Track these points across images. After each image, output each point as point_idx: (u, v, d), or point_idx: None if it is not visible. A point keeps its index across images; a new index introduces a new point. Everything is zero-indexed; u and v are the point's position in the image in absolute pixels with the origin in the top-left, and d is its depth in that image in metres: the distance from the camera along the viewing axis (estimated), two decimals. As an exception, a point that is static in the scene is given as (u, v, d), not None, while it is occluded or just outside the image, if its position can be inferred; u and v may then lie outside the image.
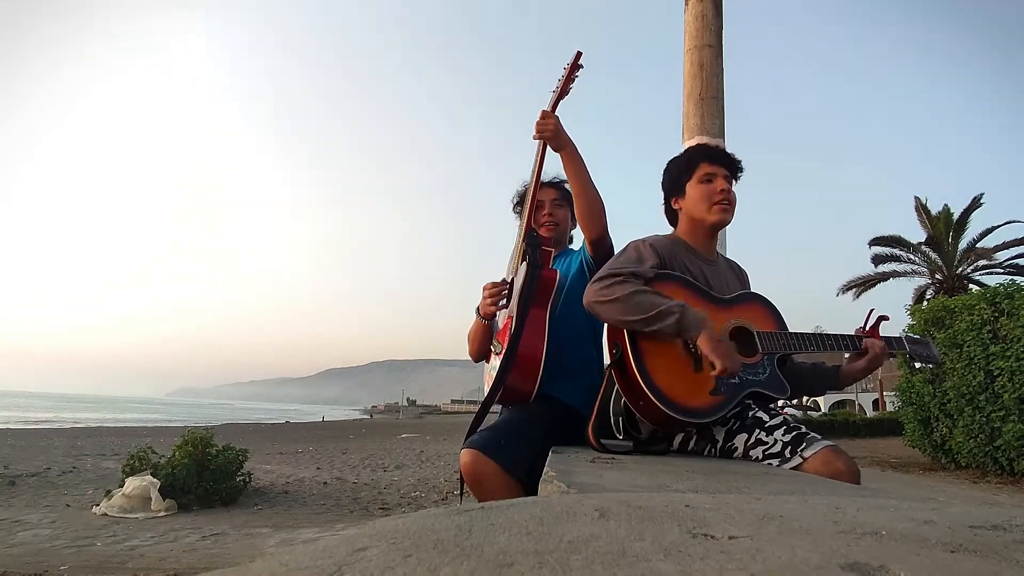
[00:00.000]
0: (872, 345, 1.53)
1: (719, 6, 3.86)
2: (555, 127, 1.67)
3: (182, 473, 5.07)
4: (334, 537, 0.52)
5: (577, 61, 1.68)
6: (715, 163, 1.60)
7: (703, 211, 1.58)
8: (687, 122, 3.74)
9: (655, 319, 1.35)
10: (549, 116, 1.69)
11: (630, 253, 1.52)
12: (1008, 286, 5.81)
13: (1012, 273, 16.64)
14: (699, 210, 1.59)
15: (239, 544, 3.79)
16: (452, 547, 0.47)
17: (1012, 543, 0.51)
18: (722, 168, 1.59)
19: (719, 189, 1.57)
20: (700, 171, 1.60)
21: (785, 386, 1.48)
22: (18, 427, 20.48)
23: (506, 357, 1.56)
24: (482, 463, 1.45)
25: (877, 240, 18.87)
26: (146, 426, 24.11)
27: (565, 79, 1.70)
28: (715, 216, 1.57)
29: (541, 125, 1.68)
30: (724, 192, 1.56)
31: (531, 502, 0.65)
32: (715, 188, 1.57)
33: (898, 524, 0.57)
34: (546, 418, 1.63)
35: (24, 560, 3.34)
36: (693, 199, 1.60)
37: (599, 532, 0.51)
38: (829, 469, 1.26)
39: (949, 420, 6.29)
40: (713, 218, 1.58)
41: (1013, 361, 5.37)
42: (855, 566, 0.42)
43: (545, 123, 1.68)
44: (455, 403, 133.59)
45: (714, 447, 1.48)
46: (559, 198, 1.95)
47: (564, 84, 1.70)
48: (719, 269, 1.63)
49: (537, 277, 1.63)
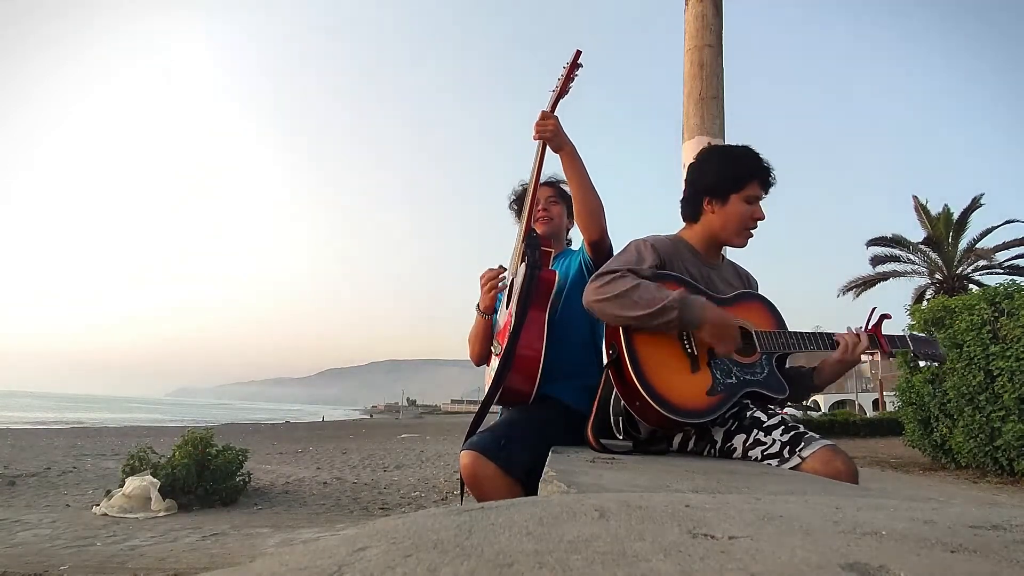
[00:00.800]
0: (843, 338, 1.50)
1: (719, 6, 3.86)
2: (555, 127, 1.68)
3: (182, 473, 5.08)
4: (334, 537, 0.52)
5: (577, 60, 1.68)
6: (764, 187, 1.54)
7: (732, 233, 1.54)
8: (687, 122, 3.74)
9: (656, 315, 1.34)
10: (549, 117, 1.68)
11: (630, 252, 1.51)
12: (1008, 286, 5.81)
13: (1012, 273, 16.64)
14: (729, 230, 1.54)
15: (239, 544, 3.79)
16: (452, 547, 0.47)
17: (1012, 543, 0.51)
18: (763, 193, 1.54)
19: (757, 217, 1.53)
20: (750, 189, 1.52)
21: (784, 386, 1.48)
22: (18, 427, 20.48)
23: (504, 358, 1.56)
24: (482, 465, 1.45)
25: (876, 240, 18.87)
26: (146, 426, 24.11)
27: (565, 78, 1.70)
28: (741, 241, 1.56)
29: (541, 126, 1.68)
30: (758, 221, 1.54)
31: (531, 502, 0.65)
32: (755, 215, 1.53)
33: (898, 524, 0.57)
34: (545, 419, 1.62)
35: (24, 560, 3.35)
36: (730, 215, 1.53)
37: (599, 532, 0.51)
38: (828, 469, 1.25)
39: (949, 420, 6.29)
40: (739, 242, 1.56)
41: (1013, 361, 5.37)
42: (855, 566, 0.42)
43: (545, 124, 1.68)
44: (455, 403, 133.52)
45: (713, 447, 1.47)
46: (554, 195, 1.97)
47: (564, 83, 1.70)
48: (722, 272, 1.62)
49: (536, 278, 1.62)
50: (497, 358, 1.68)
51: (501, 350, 1.63)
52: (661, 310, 1.33)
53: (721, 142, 3.60)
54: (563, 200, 1.98)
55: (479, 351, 1.88)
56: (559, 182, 1.98)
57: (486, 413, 1.67)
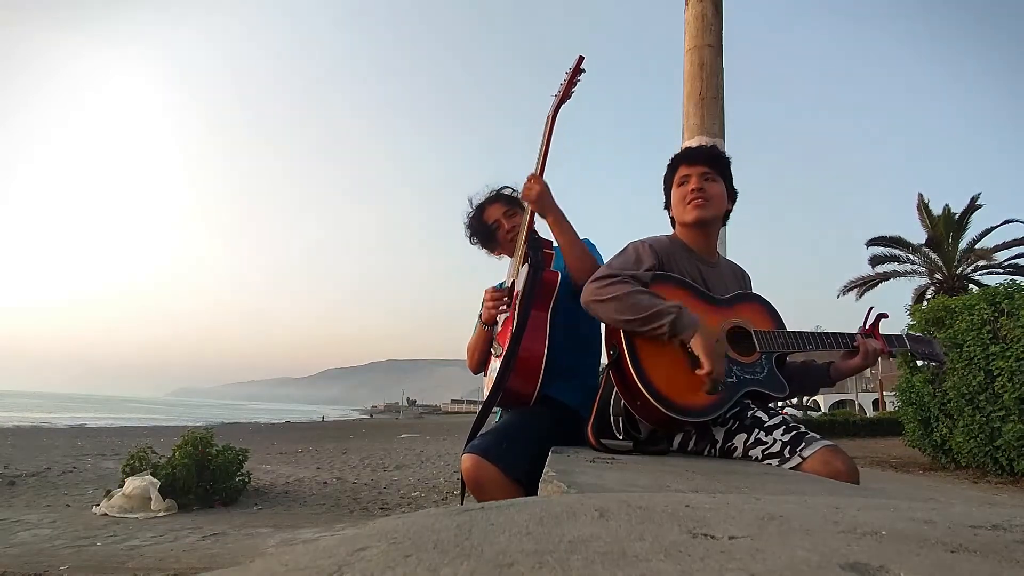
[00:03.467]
0: (865, 344, 1.52)
1: (719, 6, 3.86)
2: (539, 192, 1.67)
3: (182, 473, 5.08)
4: (334, 537, 0.52)
5: (579, 66, 1.68)
6: (692, 163, 1.60)
7: (680, 212, 1.61)
8: (687, 122, 3.74)
9: (650, 319, 1.36)
10: (536, 181, 1.68)
11: (628, 254, 1.52)
12: (1008, 286, 5.81)
13: (1012, 273, 16.65)
14: (678, 212, 1.62)
15: (239, 544, 3.79)
16: (452, 547, 0.47)
17: (1012, 543, 0.51)
18: (700, 167, 1.59)
19: (691, 189, 1.58)
20: (679, 175, 1.62)
21: (784, 385, 1.48)
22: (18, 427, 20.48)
23: (506, 360, 1.56)
24: (483, 468, 1.45)
25: (875, 240, 18.88)
26: (146, 426, 24.10)
27: (567, 83, 1.70)
28: (689, 215, 1.58)
29: (527, 189, 1.69)
30: (695, 191, 1.57)
31: (531, 502, 0.65)
32: (687, 189, 1.59)
33: (898, 524, 0.57)
34: (546, 420, 1.62)
35: (24, 560, 3.35)
36: (674, 203, 1.63)
37: (599, 532, 0.51)
38: (828, 469, 1.26)
39: (949, 420, 6.29)
40: (687, 217, 1.58)
41: (1013, 361, 5.37)
42: (855, 566, 0.42)
43: (530, 188, 1.68)
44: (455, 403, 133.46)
45: (713, 447, 1.47)
46: (507, 212, 1.94)
47: (566, 88, 1.71)
48: (719, 271, 1.63)
49: (539, 278, 1.62)
50: (497, 359, 1.67)
51: (502, 351, 1.62)
52: (654, 316, 1.36)
53: (721, 142, 3.60)
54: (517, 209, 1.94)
55: (478, 360, 1.88)
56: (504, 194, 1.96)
57: (488, 415, 1.67)
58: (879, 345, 1.53)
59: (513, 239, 1.90)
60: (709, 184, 1.58)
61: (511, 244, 1.91)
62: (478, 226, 1.98)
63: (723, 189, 1.60)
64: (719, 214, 1.61)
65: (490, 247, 2.02)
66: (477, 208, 1.99)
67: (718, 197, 1.58)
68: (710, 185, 1.58)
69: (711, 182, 1.58)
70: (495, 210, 1.95)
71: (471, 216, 2.00)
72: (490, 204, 1.96)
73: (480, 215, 1.98)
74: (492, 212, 1.95)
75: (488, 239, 1.99)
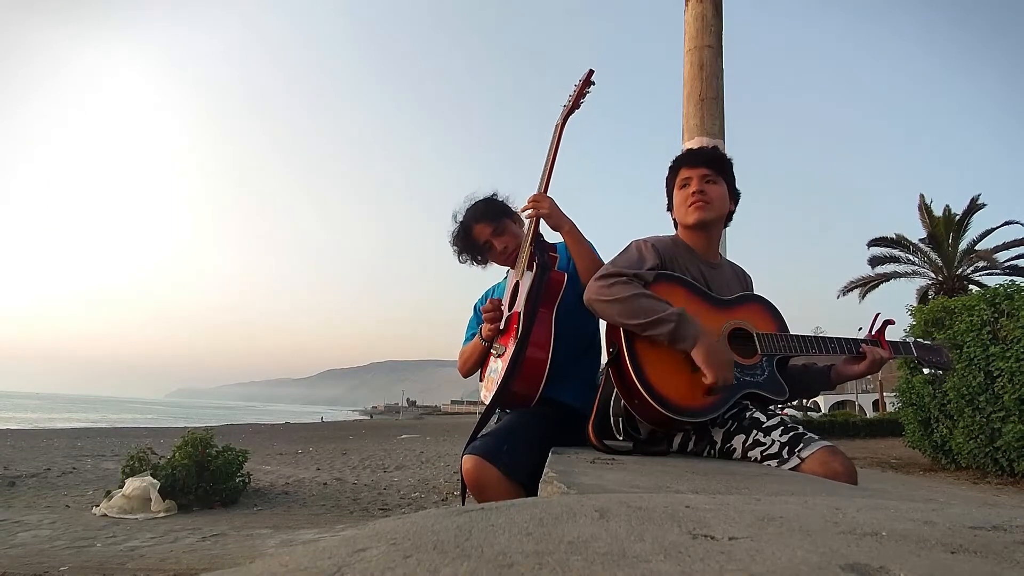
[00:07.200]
0: (872, 352, 1.52)
1: (719, 6, 3.86)
2: (549, 208, 1.67)
3: (182, 474, 5.08)
4: (334, 538, 0.52)
5: (589, 79, 1.70)
6: (693, 166, 1.62)
7: (682, 215, 1.62)
8: (687, 123, 3.74)
9: (650, 326, 1.36)
10: (542, 199, 1.68)
11: (631, 253, 1.53)
12: (1008, 287, 5.81)
13: (1012, 274, 16.64)
14: (680, 215, 1.63)
15: (239, 545, 3.79)
16: (452, 548, 0.47)
17: (1012, 544, 0.51)
18: (701, 169, 1.60)
19: (692, 191, 1.59)
20: (680, 177, 1.63)
21: (784, 388, 1.48)
22: (18, 427, 20.47)
23: (512, 361, 1.55)
24: (484, 469, 1.45)
25: (875, 241, 18.88)
26: (146, 427, 24.09)
27: (576, 95, 1.71)
28: (691, 217, 1.59)
29: (535, 206, 1.67)
30: (696, 193, 1.58)
31: (531, 503, 0.65)
32: (689, 191, 1.60)
33: (898, 524, 0.57)
34: (546, 420, 1.62)
35: (24, 560, 3.35)
36: (676, 205, 1.64)
37: (599, 533, 0.51)
38: (826, 469, 1.26)
39: (949, 421, 6.29)
40: (689, 219, 1.59)
41: (1013, 362, 5.37)
42: (855, 567, 0.42)
43: (539, 205, 1.67)
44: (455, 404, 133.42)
45: (713, 448, 1.48)
46: (495, 230, 1.89)
47: (575, 99, 1.72)
48: (721, 272, 1.63)
49: (547, 279, 1.62)
50: (498, 360, 1.67)
51: (504, 352, 1.62)
52: (654, 323, 1.36)
53: (721, 143, 3.60)
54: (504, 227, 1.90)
55: (470, 368, 1.87)
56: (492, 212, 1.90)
57: (491, 416, 1.66)
58: (886, 354, 1.53)
59: (509, 256, 1.88)
60: (710, 186, 1.59)
61: (507, 258, 1.89)
62: (465, 246, 1.94)
63: (724, 191, 1.61)
64: (721, 216, 1.61)
65: (481, 264, 1.99)
66: (463, 228, 1.93)
67: (719, 199, 1.59)
68: (711, 187, 1.59)
69: (712, 184, 1.59)
70: (482, 230, 1.90)
71: (457, 236, 1.94)
72: (475, 223, 1.90)
73: (467, 236, 1.92)
74: (480, 232, 1.90)
75: (479, 258, 1.96)
